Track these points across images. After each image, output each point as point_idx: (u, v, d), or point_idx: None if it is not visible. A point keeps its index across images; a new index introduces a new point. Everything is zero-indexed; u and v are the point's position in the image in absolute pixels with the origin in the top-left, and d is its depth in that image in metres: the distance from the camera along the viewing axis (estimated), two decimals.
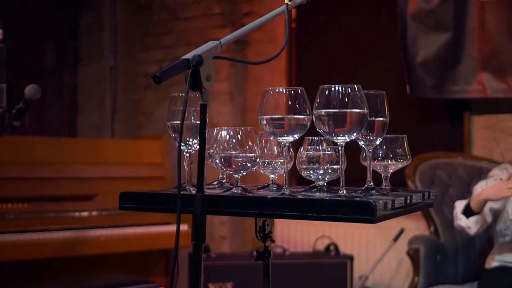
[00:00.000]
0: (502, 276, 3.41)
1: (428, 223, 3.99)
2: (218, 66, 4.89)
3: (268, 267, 1.95)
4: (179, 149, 1.68)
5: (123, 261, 4.00)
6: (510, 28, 4.04)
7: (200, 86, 1.64)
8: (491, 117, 4.31)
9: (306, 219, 1.63)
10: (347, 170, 1.78)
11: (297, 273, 4.10)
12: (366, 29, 4.74)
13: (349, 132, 1.69)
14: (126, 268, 3.97)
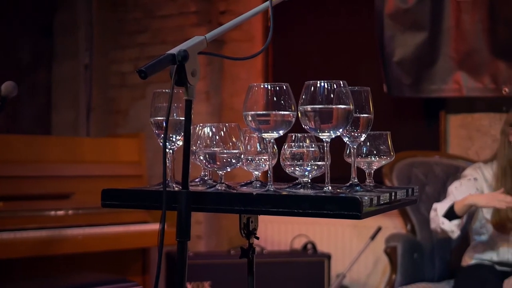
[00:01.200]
0: (478, 274, 3.44)
1: (405, 221, 4.02)
2: None
3: (253, 264, 1.94)
4: (164, 145, 1.67)
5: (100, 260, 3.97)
6: (486, 28, 4.08)
7: (185, 82, 1.63)
8: (467, 116, 4.35)
9: (292, 215, 1.62)
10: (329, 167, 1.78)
11: (275, 272, 4.10)
12: (343, 28, 4.75)
13: (335, 128, 1.69)
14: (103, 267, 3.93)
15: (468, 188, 3.50)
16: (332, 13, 4.83)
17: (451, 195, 3.51)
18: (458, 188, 3.53)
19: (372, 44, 4.35)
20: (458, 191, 3.51)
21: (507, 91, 4.04)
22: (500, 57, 4.06)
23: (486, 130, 4.27)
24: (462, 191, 3.49)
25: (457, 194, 3.49)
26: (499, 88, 4.07)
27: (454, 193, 3.51)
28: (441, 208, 3.43)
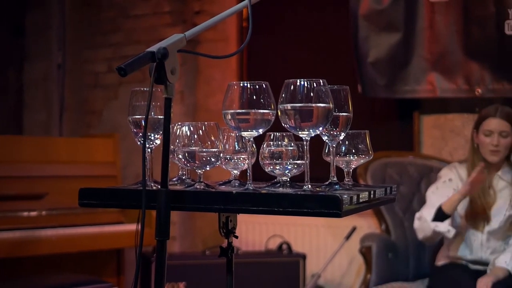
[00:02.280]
0: (452, 273, 3.47)
1: (380, 221, 4.04)
2: None
3: (232, 263, 1.93)
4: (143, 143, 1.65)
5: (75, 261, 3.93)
6: (459, 29, 4.11)
7: (164, 80, 1.62)
8: (440, 117, 4.38)
9: (272, 213, 1.62)
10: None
11: (250, 272, 4.09)
12: (318, 29, 4.76)
13: (315, 126, 1.69)
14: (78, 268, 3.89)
15: (445, 191, 3.54)
16: (307, 14, 4.84)
17: (429, 201, 3.56)
18: (435, 192, 3.57)
19: (347, 44, 4.36)
20: (435, 195, 3.55)
21: (480, 92, 4.08)
22: (473, 58, 4.10)
23: (459, 131, 4.31)
24: (439, 195, 3.53)
25: (435, 198, 3.53)
26: (472, 89, 4.11)
27: (432, 198, 3.55)
28: (427, 215, 3.45)
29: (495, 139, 3.45)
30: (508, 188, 3.53)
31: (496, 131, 3.46)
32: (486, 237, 3.52)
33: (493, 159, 3.49)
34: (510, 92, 4.02)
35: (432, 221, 3.41)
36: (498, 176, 3.56)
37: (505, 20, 3.97)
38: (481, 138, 3.50)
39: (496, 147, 3.46)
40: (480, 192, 3.50)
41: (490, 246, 3.52)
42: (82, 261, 3.97)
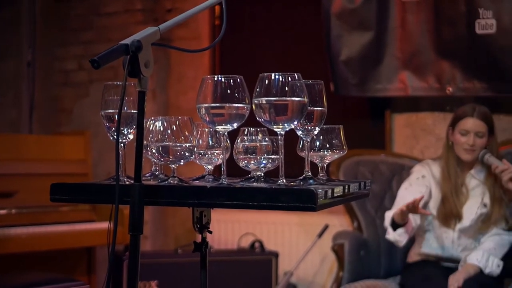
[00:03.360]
0: (424, 270, 3.48)
1: (352, 219, 4.05)
2: None
3: (205, 258, 1.92)
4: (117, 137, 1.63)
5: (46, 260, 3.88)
6: (430, 28, 4.14)
7: (138, 73, 1.60)
8: (412, 115, 4.41)
9: (246, 208, 1.61)
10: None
11: (222, 270, 4.08)
12: (291, 27, 4.76)
13: (290, 120, 1.68)
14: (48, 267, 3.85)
15: (418, 187, 3.57)
16: (281, 13, 4.83)
17: (399, 198, 3.58)
18: (408, 188, 3.59)
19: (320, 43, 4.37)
20: (408, 192, 3.57)
21: (451, 90, 4.11)
22: (444, 57, 4.13)
23: (430, 129, 4.34)
24: (412, 192, 3.55)
25: (408, 194, 3.54)
26: (443, 88, 4.14)
27: (404, 194, 3.57)
28: (387, 218, 3.48)
29: (471, 139, 3.47)
30: (480, 186, 3.56)
31: (472, 131, 3.48)
32: (457, 235, 3.54)
33: (467, 158, 3.51)
34: (480, 90, 4.05)
35: (389, 225, 3.45)
36: (471, 175, 3.58)
37: (475, 19, 4.00)
38: (456, 136, 3.52)
39: (471, 147, 3.48)
40: (452, 191, 3.52)
41: (461, 243, 3.55)
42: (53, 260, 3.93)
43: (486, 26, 3.98)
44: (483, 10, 3.97)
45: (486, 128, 3.50)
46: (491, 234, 3.50)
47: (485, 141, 3.51)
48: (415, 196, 3.47)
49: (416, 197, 3.27)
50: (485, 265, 3.38)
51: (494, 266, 3.40)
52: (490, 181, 3.54)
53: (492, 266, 3.39)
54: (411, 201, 3.25)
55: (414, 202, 3.24)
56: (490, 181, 3.54)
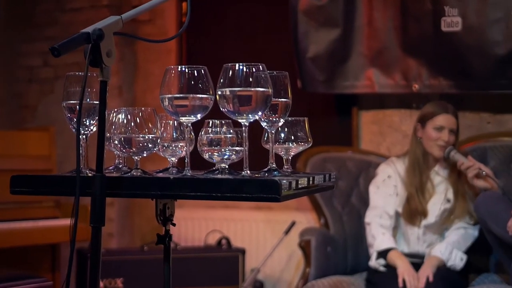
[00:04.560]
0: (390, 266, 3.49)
1: (319, 215, 4.05)
2: None
3: (169, 251, 1.90)
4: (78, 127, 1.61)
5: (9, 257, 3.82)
6: (397, 26, 4.15)
7: (100, 62, 1.58)
8: (378, 112, 4.42)
9: (210, 199, 1.60)
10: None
11: (189, 267, 4.06)
12: (258, 24, 4.75)
13: (254, 111, 1.67)
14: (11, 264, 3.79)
15: (385, 189, 3.62)
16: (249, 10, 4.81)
17: (372, 201, 3.64)
18: (377, 192, 3.63)
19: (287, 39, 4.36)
20: (378, 196, 3.63)
21: (417, 87, 4.13)
22: (410, 54, 4.14)
23: (397, 126, 4.36)
24: (381, 195, 3.62)
25: (378, 199, 3.62)
26: (409, 85, 4.16)
27: (375, 198, 3.63)
28: (376, 233, 3.54)
29: (446, 135, 3.50)
30: (444, 183, 3.59)
31: (447, 127, 3.51)
32: (422, 231, 3.57)
33: (439, 153, 3.54)
34: (446, 87, 4.07)
35: (377, 251, 3.50)
36: (435, 172, 3.61)
37: (441, 17, 4.02)
38: (430, 132, 3.53)
39: (446, 143, 3.51)
40: (418, 188, 3.55)
41: (427, 240, 3.57)
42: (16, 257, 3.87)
43: (452, 23, 4.01)
44: (448, 8, 3.99)
45: (457, 126, 3.55)
46: (455, 227, 3.53)
47: (454, 139, 3.55)
48: (385, 198, 3.53)
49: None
50: (448, 258, 3.41)
51: (457, 259, 3.43)
52: (453, 177, 3.57)
53: (455, 259, 3.42)
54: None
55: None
56: (453, 177, 3.57)
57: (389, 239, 3.52)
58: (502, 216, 3.20)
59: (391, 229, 3.57)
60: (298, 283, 3.79)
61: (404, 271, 3.34)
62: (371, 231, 3.57)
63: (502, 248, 3.29)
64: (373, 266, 3.50)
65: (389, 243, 3.50)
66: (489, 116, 4.19)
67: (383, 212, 3.58)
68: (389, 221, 3.57)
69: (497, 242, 3.30)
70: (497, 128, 4.14)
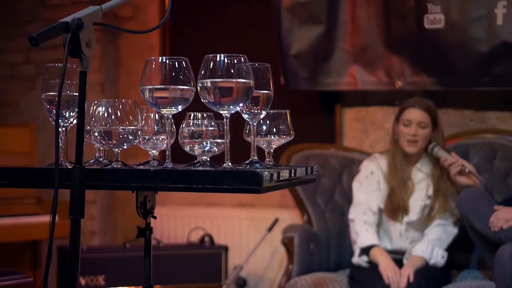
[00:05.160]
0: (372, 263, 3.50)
1: (302, 212, 4.04)
2: None
3: (150, 244, 1.88)
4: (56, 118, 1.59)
5: None
6: (380, 23, 4.16)
7: (79, 52, 1.56)
8: (362, 110, 4.42)
9: (191, 190, 1.58)
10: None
11: (172, 264, 4.04)
12: (242, 21, 4.73)
13: (235, 102, 1.66)
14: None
15: (368, 185, 3.63)
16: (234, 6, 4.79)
17: (355, 198, 3.64)
18: (360, 188, 3.63)
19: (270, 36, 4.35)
20: (361, 192, 3.64)
21: (400, 84, 4.14)
22: (394, 51, 4.15)
23: (380, 124, 4.36)
24: (364, 191, 3.63)
25: (361, 195, 3.63)
26: (392, 82, 4.16)
27: (358, 195, 3.64)
28: (360, 230, 3.54)
29: (413, 129, 3.51)
30: (426, 179, 3.60)
31: (415, 121, 3.52)
32: (404, 228, 3.57)
33: (410, 149, 3.54)
34: (429, 85, 4.08)
35: (360, 248, 3.51)
36: (417, 168, 3.61)
37: (424, 14, 4.02)
38: (400, 128, 3.56)
39: (413, 137, 3.51)
40: (399, 185, 3.55)
41: (409, 236, 3.58)
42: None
43: (435, 21, 4.02)
44: (431, 5, 4.00)
45: (429, 119, 3.54)
46: (434, 225, 3.54)
47: (428, 133, 3.54)
48: (368, 195, 3.54)
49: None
50: (430, 256, 3.42)
51: (439, 257, 3.44)
52: (435, 174, 3.58)
53: (436, 257, 3.43)
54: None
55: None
56: (435, 174, 3.58)
57: (373, 235, 3.52)
58: (485, 212, 3.21)
59: (374, 226, 3.57)
60: (281, 280, 3.78)
61: (386, 268, 3.34)
62: (354, 227, 3.57)
63: (484, 244, 3.30)
64: (356, 263, 3.50)
65: (372, 240, 3.50)
66: (472, 113, 4.20)
67: (367, 208, 3.58)
68: (372, 218, 3.57)
69: (479, 238, 3.31)
70: (480, 125, 4.15)
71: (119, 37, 5.00)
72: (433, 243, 3.45)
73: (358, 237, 3.53)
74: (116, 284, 3.96)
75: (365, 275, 3.43)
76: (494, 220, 3.13)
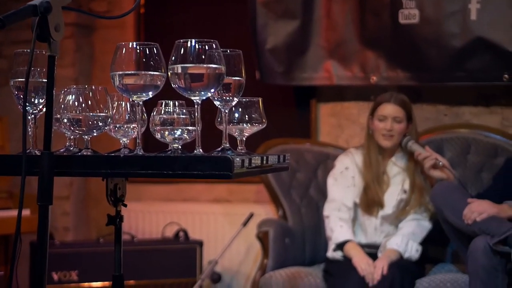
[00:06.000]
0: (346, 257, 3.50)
1: (277, 207, 4.04)
2: (63, 51, 4.69)
3: (120, 232, 1.86)
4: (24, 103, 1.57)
5: None
6: (355, 18, 4.16)
7: (48, 36, 1.53)
8: (337, 105, 4.42)
9: (161, 177, 1.56)
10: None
11: (146, 259, 4.01)
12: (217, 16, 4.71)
13: (206, 88, 1.64)
14: None
15: (343, 181, 3.63)
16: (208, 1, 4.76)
17: (330, 194, 3.64)
18: (335, 184, 3.64)
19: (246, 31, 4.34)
20: (336, 188, 3.64)
21: (375, 79, 4.14)
22: (368, 46, 4.15)
23: (355, 119, 4.36)
24: (339, 187, 3.63)
25: (336, 191, 3.63)
26: (367, 77, 4.17)
27: (333, 190, 3.64)
28: (336, 229, 3.53)
29: (389, 124, 3.52)
30: (401, 174, 3.61)
31: (390, 116, 3.53)
32: (379, 222, 3.58)
33: (385, 144, 3.55)
34: (404, 79, 4.09)
35: (336, 243, 3.51)
36: (392, 162, 3.62)
37: (399, 9, 4.03)
38: (375, 123, 3.57)
39: (389, 131, 3.52)
40: (374, 179, 3.56)
41: (384, 230, 3.59)
42: None
43: (409, 16, 4.03)
44: (406, 0, 4.01)
45: (404, 113, 3.56)
46: (409, 219, 3.55)
47: (403, 127, 3.56)
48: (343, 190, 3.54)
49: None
50: (405, 250, 3.43)
51: (413, 250, 3.45)
52: (410, 168, 3.59)
53: (411, 251, 3.44)
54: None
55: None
56: (410, 168, 3.59)
57: (347, 231, 3.52)
58: (458, 205, 3.23)
59: (349, 222, 3.57)
60: (256, 274, 3.77)
61: (360, 260, 3.34)
62: (329, 224, 3.57)
63: (458, 237, 3.32)
64: (331, 257, 3.50)
65: (347, 235, 3.50)
66: (446, 108, 4.22)
67: (341, 204, 3.58)
68: (347, 214, 3.57)
69: (453, 231, 3.32)
70: (454, 120, 4.17)
71: (94, 32, 4.96)
72: (407, 236, 3.46)
73: (333, 233, 3.53)
74: (90, 280, 3.93)
75: (339, 269, 3.43)
76: (468, 213, 3.15)
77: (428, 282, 3.34)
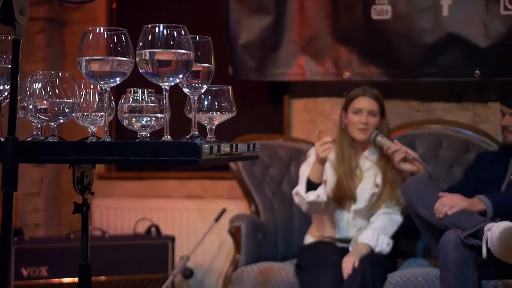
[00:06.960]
0: (319, 250, 3.50)
1: (249, 202, 4.03)
2: (34, 46, 4.65)
3: (87, 221, 1.84)
4: None
5: None
6: (328, 14, 4.16)
7: (12, 19, 1.51)
8: (310, 101, 4.42)
9: (128, 163, 1.55)
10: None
11: (118, 255, 3.97)
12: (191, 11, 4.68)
13: (174, 74, 1.63)
14: None
15: None
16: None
17: (302, 177, 3.60)
18: (307, 170, 3.61)
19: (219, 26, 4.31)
20: (307, 173, 3.59)
21: (348, 75, 4.15)
22: (341, 42, 4.15)
23: (328, 115, 4.37)
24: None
25: (306, 173, 3.59)
26: (340, 73, 4.17)
27: (305, 175, 3.60)
28: (301, 188, 3.50)
29: (364, 117, 3.53)
30: (373, 168, 3.61)
31: (365, 109, 3.54)
32: (352, 216, 3.58)
33: (361, 137, 3.56)
34: (376, 75, 4.10)
35: (305, 193, 3.45)
36: (365, 157, 3.63)
37: (371, 5, 4.05)
38: (350, 117, 3.57)
39: (365, 125, 3.53)
40: (347, 173, 3.56)
41: (356, 224, 3.59)
42: None
43: (382, 12, 4.05)
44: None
45: (378, 108, 3.57)
46: (380, 213, 3.56)
47: (377, 121, 3.57)
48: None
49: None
50: (376, 244, 3.43)
51: (384, 244, 3.46)
52: (382, 162, 3.60)
53: (382, 245, 3.45)
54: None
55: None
56: (382, 162, 3.60)
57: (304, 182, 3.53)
58: (430, 199, 3.24)
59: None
60: (228, 269, 3.76)
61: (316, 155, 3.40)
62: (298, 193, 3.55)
63: (429, 230, 3.33)
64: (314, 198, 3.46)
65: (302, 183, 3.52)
66: (418, 104, 4.24)
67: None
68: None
69: (424, 225, 3.33)
70: (426, 116, 4.19)
71: (65, 27, 4.91)
72: (378, 230, 3.47)
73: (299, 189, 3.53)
74: (60, 275, 3.88)
75: (311, 264, 3.43)
76: (439, 207, 3.16)
77: (399, 276, 3.35)
